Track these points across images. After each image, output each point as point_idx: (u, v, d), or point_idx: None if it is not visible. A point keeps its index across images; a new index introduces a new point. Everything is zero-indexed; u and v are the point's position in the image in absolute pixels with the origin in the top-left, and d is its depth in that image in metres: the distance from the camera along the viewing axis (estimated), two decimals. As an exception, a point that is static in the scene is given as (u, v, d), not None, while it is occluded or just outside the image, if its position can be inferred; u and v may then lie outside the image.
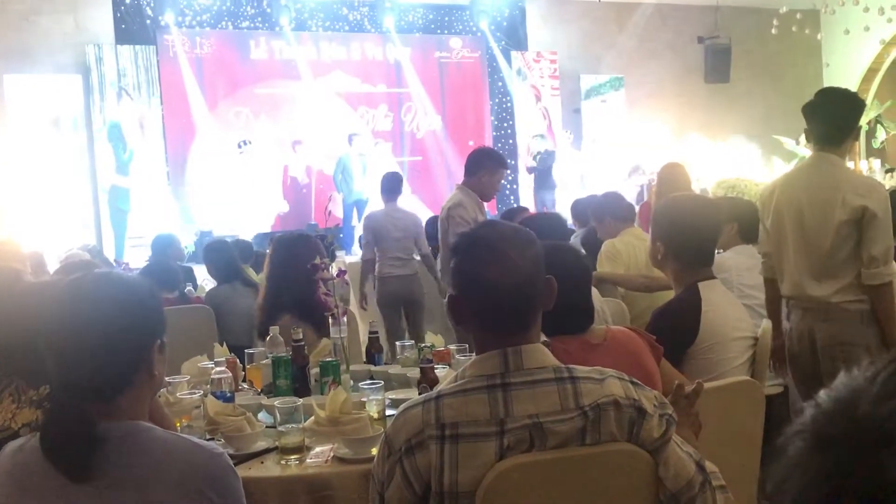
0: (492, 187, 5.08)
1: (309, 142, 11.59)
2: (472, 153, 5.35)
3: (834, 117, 3.19)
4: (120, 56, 10.42)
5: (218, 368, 2.81)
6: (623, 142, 12.69)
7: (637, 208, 5.81)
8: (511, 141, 12.58)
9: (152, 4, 10.70)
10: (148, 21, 10.75)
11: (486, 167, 5.03)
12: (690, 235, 2.97)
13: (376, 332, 3.50)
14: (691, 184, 5.86)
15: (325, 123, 11.80)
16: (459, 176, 5.45)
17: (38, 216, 9.61)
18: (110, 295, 1.60)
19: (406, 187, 12.37)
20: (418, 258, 6.36)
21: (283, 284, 3.43)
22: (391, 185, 6.67)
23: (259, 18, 11.45)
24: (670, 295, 3.09)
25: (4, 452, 1.58)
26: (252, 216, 11.09)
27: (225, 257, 5.16)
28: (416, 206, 11.65)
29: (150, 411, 1.71)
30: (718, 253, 3.71)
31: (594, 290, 2.80)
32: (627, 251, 4.50)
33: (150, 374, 1.63)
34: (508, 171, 5.72)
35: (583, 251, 3.35)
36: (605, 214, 4.92)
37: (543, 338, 2.24)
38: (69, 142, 10.05)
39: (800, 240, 3.16)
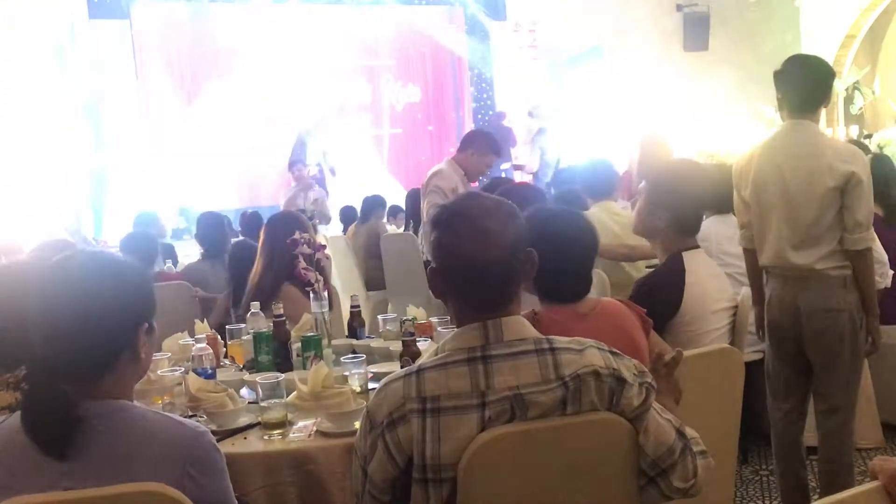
0: (477, 168, 5.12)
1: (288, 117, 11.48)
2: (470, 131, 5.43)
3: (806, 84, 3.18)
4: (94, 31, 10.25)
5: (199, 345, 2.80)
6: (603, 111, 12.66)
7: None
8: (491, 112, 12.54)
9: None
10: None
11: (476, 147, 5.07)
12: (693, 203, 2.98)
13: (358, 307, 3.50)
14: (672, 154, 5.86)
15: (304, 97, 11.71)
16: (439, 149, 5.49)
17: (15, 199, 9.47)
18: (99, 275, 1.59)
19: (384, 161, 12.37)
20: None
21: (274, 259, 3.49)
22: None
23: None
24: (638, 267, 3.10)
25: None
26: (230, 191, 11.03)
27: (216, 231, 5.12)
28: (392, 182, 11.63)
29: None
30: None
31: None
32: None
33: (136, 356, 1.62)
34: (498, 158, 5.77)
35: None
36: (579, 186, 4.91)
37: (537, 305, 2.24)
38: (43, 118, 9.89)
39: (783, 209, 3.15)
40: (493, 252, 1.64)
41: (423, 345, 2.94)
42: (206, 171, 11.01)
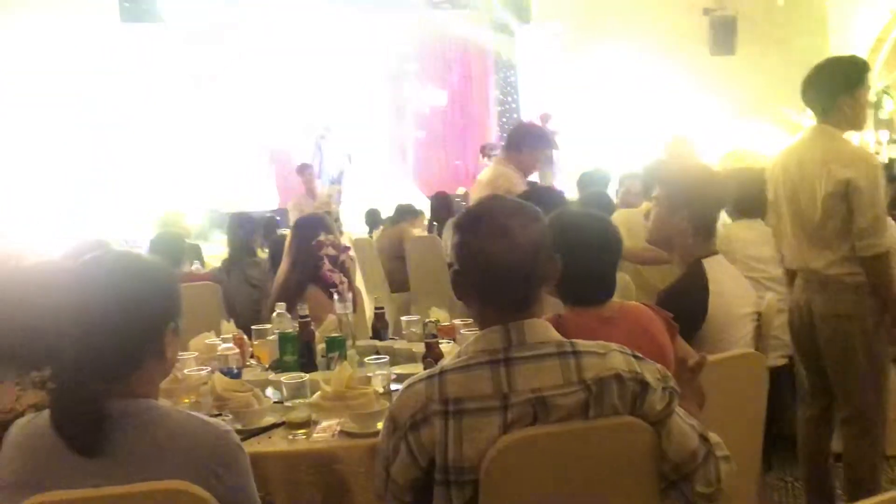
0: (533, 165, 4.92)
1: (313, 119, 11.55)
2: (515, 127, 5.25)
3: (825, 88, 3.17)
4: (124, 33, 10.37)
5: (225, 345, 2.83)
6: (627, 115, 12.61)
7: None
8: (515, 115, 12.53)
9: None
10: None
11: (529, 143, 4.86)
12: (712, 204, 2.96)
13: (382, 308, 3.52)
14: (698, 158, 5.83)
15: (328, 99, 11.79)
16: (464, 151, 5.42)
17: (43, 200, 9.59)
18: (127, 275, 1.61)
19: (408, 165, 12.41)
20: None
21: (300, 260, 3.53)
22: None
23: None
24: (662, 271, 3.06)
25: (16, 425, 1.60)
26: (257, 194, 11.11)
27: (244, 233, 5.11)
28: (413, 185, 11.68)
29: None
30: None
31: None
32: None
33: (162, 355, 1.64)
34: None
35: None
36: None
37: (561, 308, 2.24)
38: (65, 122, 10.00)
39: (794, 213, 3.18)
40: (516, 254, 1.64)
41: (445, 347, 2.95)
42: (235, 173, 11.12)
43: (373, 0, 12.05)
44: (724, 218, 3.78)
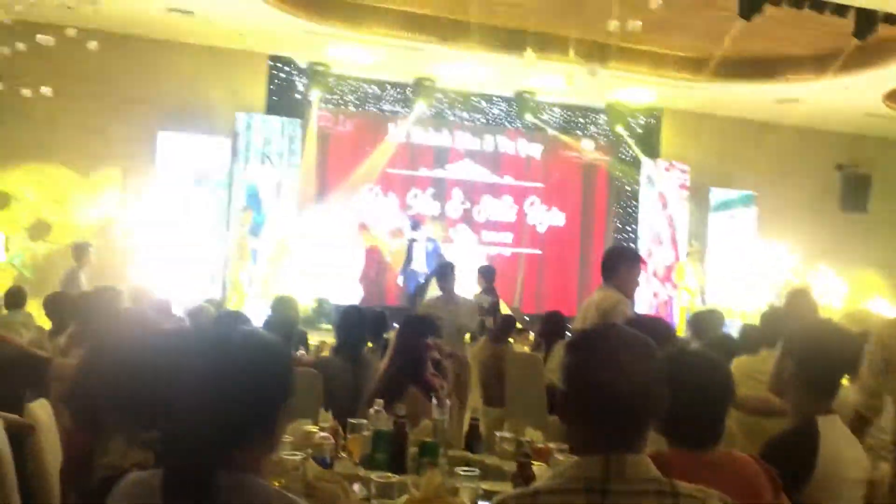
0: (632, 283, 4.98)
1: (427, 223, 11.85)
2: (606, 253, 5.34)
3: None
4: (268, 125, 11.05)
5: (321, 434, 2.87)
6: (749, 260, 12.42)
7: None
8: (633, 245, 12.49)
9: (304, 81, 11.37)
10: (298, 96, 11.40)
11: (624, 264, 4.92)
12: (824, 362, 2.86)
13: (477, 420, 3.50)
14: (818, 311, 5.65)
15: (447, 208, 12.16)
16: (578, 272, 5.44)
17: (172, 265, 10.13)
18: (252, 354, 1.67)
19: (520, 279, 12.50)
20: None
21: (405, 359, 3.57)
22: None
23: (400, 103, 11.96)
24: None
25: (126, 481, 1.66)
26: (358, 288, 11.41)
27: (353, 326, 5.17)
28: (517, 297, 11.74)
29: None
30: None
31: None
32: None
33: (272, 434, 1.68)
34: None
35: None
36: None
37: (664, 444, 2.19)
38: (209, 199, 10.62)
39: None
40: (627, 386, 1.63)
41: (538, 469, 2.90)
42: (343, 264, 11.50)
43: (505, 117, 12.48)
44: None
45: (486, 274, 8.96)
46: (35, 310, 6.99)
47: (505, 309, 9.14)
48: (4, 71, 8.71)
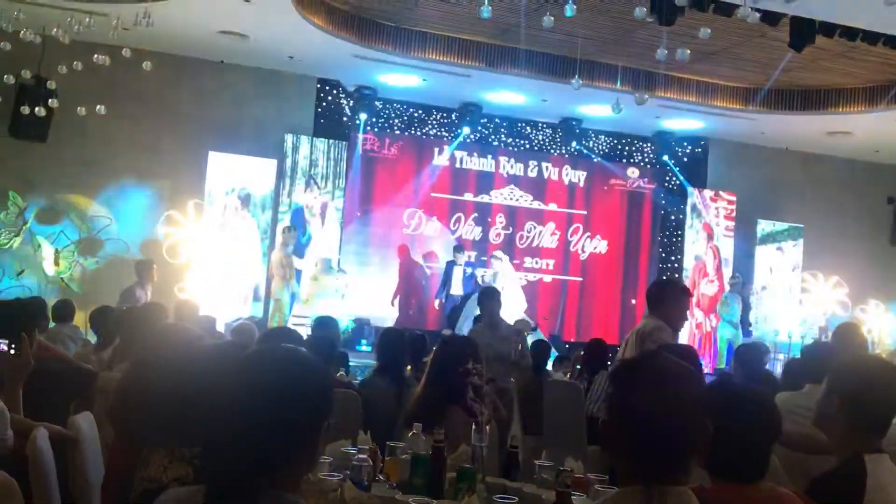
0: (680, 316, 4.94)
1: (469, 249, 11.86)
2: (652, 286, 5.33)
3: None
4: (314, 147, 11.18)
5: (360, 455, 2.86)
6: (795, 293, 12.22)
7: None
8: (676, 275, 12.36)
9: (351, 105, 11.49)
10: (345, 119, 11.53)
11: (671, 295, 4.90)
12: (872, 398, 2.79)
13: (517, 448, 3.46)
14: (867, 347, 5.53)
15: (490, 234, 12.17)
16: (621, 301, 5.41)
17: (216, 282, 10.25)
18: (295, 373, 1.67)
19: (560, 305, 12.45)
20: None
21: (444, 382, 3.53)
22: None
23: (445, 128, 12.03)
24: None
25: (167, 496, 1.67)
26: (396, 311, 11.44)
27: (395, 348, 5.17)
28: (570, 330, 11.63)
29: None
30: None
31: None
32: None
33: (312, 453, 1.68)
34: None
35: None
36: None
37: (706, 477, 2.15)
38: (255, 218, 10.76)
39: None
40: (671, 417, 1.61)
41: (576, 500, 2.86)
42: (385, 287, 11.55)
43: (550, 143, 12.48)
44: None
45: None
46: (82, 324, 7.13)
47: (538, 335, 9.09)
48: (61, 89, 8.96)
